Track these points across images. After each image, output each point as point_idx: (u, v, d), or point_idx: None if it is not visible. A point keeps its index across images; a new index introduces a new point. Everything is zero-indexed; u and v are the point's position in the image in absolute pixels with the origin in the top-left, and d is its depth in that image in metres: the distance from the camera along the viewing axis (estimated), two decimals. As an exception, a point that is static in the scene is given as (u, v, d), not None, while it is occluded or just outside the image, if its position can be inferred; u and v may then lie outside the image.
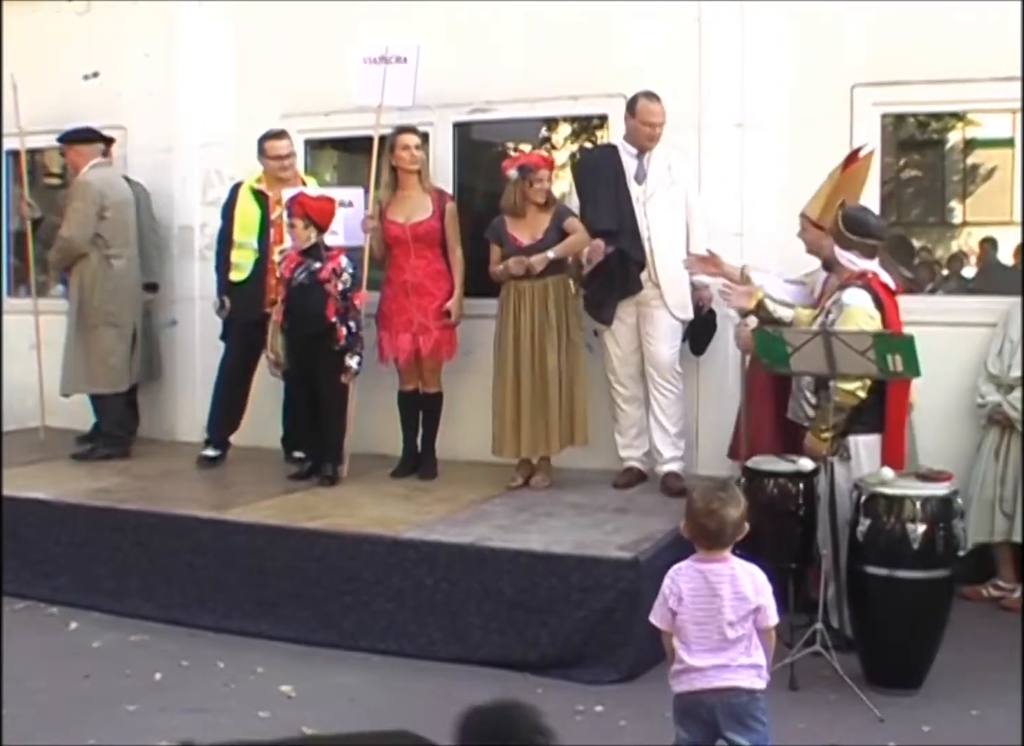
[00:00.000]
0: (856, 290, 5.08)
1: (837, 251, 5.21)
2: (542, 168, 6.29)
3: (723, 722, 3.41)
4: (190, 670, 5.05)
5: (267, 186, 7.05)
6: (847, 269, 5.20)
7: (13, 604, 5.88)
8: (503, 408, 6.26)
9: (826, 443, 5.00)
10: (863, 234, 5.16)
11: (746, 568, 3.51)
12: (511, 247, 6.30)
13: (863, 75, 6.26)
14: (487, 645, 5.06)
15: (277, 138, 7.06)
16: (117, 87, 8.11)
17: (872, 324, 4.97)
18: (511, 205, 6.32)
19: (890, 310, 5.12)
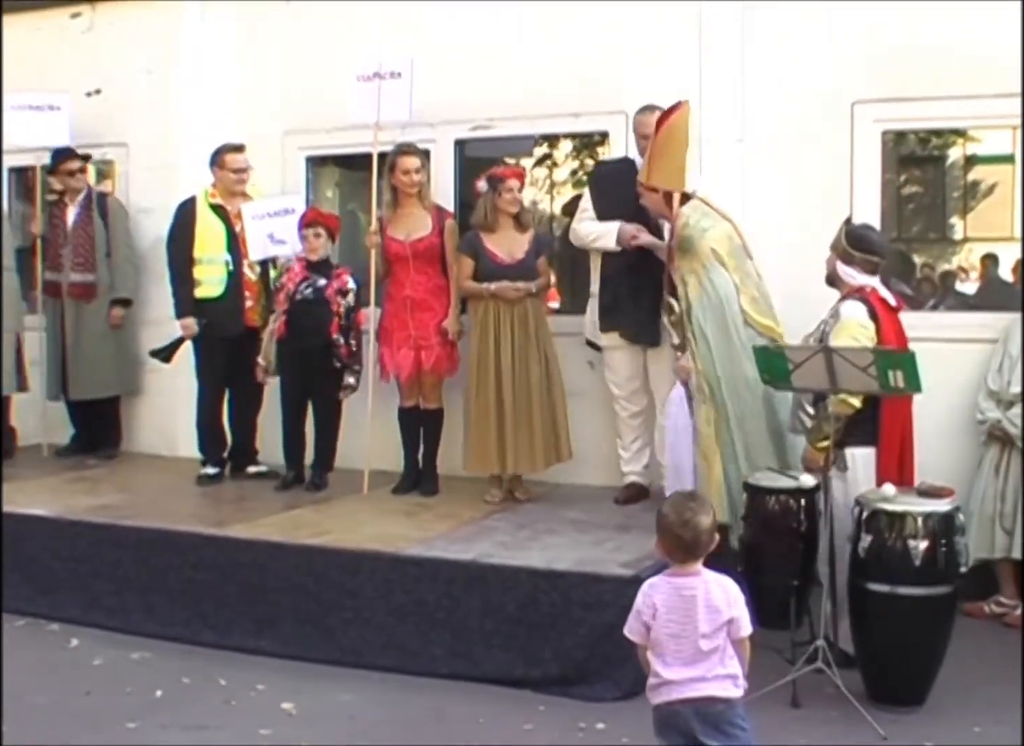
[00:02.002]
0: (852, 302, 5.16)
1: (839, 266, 5.27)
2: (510, 178, 6.34)
3: (700, 729, 3.42)
4: (191, 687, 5.04)
5: (224, 200, 7.08)
6: (847, 284, 5.26)
7: (14, 620, 5.88)
8: (485, 423, 6.27)
9: (823, 453, 5.01)
10: (865, 250, 5.23)
11: (719, 580, 3.52)
12: (489, 263, 6.34)
13: (864, 92, 6.28)
14: (489, 662, 5.04)
15: (237, 151, 7.12)
16: (119, 104, 8.13)
17: (864, 333, 5.04)
18: (481, 218, 6.38)
19: (886, 324, 5.16)
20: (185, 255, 7.04)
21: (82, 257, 7.65)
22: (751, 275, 5.84)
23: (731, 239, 5.84)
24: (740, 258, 5.84)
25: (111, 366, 7.82)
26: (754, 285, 5.83)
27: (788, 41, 6.45)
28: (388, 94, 6.64)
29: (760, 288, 5.87)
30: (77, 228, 7.69)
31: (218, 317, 6.99)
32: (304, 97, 7.58)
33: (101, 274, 7.71)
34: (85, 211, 7.72)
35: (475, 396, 6.35)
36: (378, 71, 6.67)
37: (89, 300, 7.71)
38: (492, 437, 6.22)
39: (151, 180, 8.02)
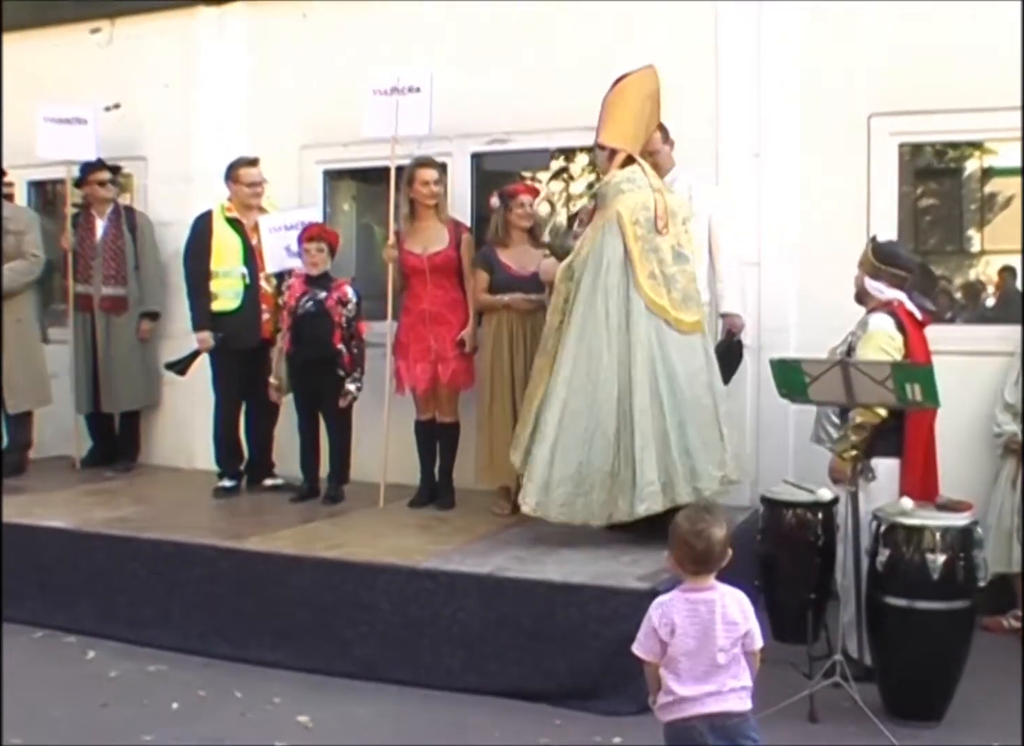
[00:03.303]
0: (880, 315, 5.20)
1: (867, 281, 5.32)
2: (522, 194, 6.44)
3: (715, 744, 3.41)
4: (207, 700, 5.04)
5: (239, 214, 7.12)
6: (875, 298, 5.29)
7: (32, 632, 5.89)
8: (499, 435, 6.30)
9: (850, 463, 5.00)
10: (893, 265, 5.28)
11: (733, 593, 3.51)
12: (503, 275, 6.41)
13: (880, 105, 6.29)
14: (504, 675, 5.03)
15: (251, 165, 7.16)
16: (138, 118, 8.19)
17: (892, 344, 5.07)
18: (493, 233, 6.48)
19: (914, 337, 5.20)
20: (202, 268, 7.07)
21: (113, 270, 7.70)
22: (659, 251, 5.63)
23: (645, 209, 5.66)
24: (649, 231, 5.65)
25: (139, 379, 7.88)
26: (658, 262, 5.62)
27: (804, 55, 6.46)
28: (406, 108, 6.66)
29: (665, 268, 5.64)
30: (107, 241, 7.74)
31: (235, 330, 7.02)
32: (321, 111, 7.62)
33: (131, 287, 7.76)
34: (114, 224, 7.76)
35: (488, 407, 6.36)
36: (396, 85, 6.69)
37: (120, 313, 7.75)
38: (506, 449, 6.22)
39: (169, 193, 8.07)
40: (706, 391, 5.64)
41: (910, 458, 5.18)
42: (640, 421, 5.46)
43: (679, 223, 5.76)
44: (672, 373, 5.55)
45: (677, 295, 5.64)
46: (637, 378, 5.50)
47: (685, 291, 5.69)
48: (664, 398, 5.52)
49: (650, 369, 5.52)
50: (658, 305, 5.57)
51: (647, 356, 5.53)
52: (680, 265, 5.70)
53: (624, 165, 5.81)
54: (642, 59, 6.65)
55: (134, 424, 8.06)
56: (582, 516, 5.56)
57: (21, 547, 6.16)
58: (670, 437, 5.50)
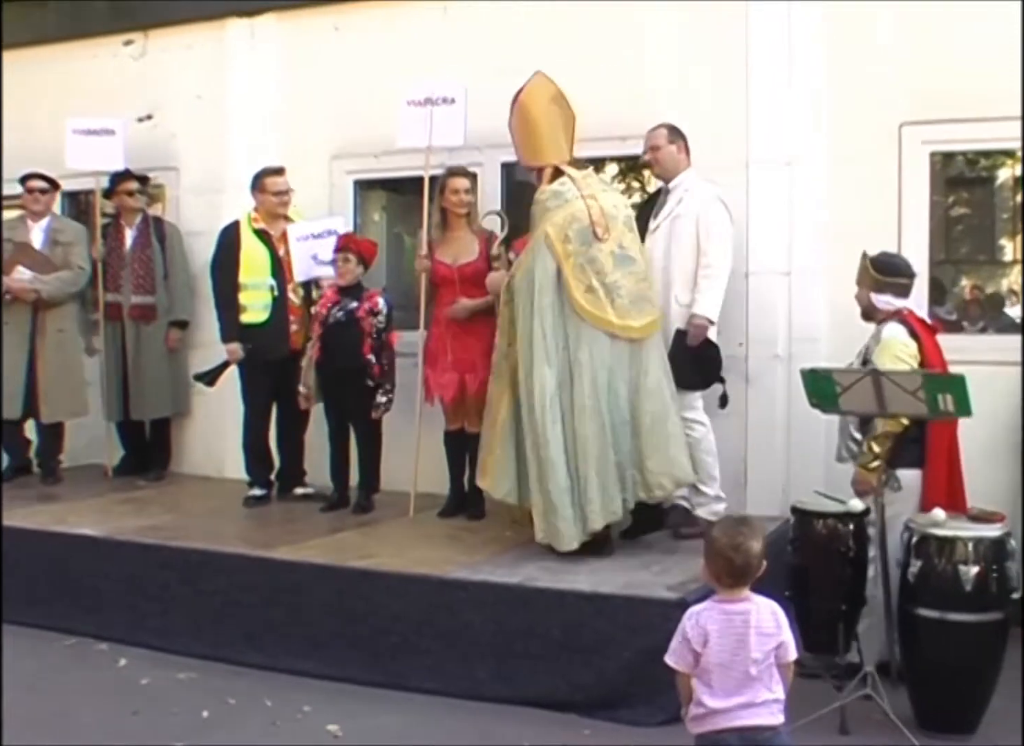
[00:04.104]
0: (892, 324, 5.24)
1: (873, 297, 5.36)
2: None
3: None
4: (237, 708, 5.05)
5: (266, 224, 7.15)
6: (884, 311, 5.33)
7: (64, 640, 5.94)
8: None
9: (875, 473, 5.00)
10: (894, 274, 5.34)
11: (767, 604, 3.49)
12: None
13: (911, 113, 6.25)
14: (533, 686, 5.02)
15: (277, 174, 7.19)
16: (170, 129, 8.26)
17: (907, 351, 5.10)
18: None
19: (928, 344, 5.24)
20: (230, 280, 7.11)
21: (142, 279, 7.75)
22: (595, 261, 5.59)
23: (575, 222, 5.61)
24: (583, 243, 5.60)
25: (168, 387, 7.94)
26: (595, 273, 5.57)
27: (835, 64, 6.43)
28: (440, 119, 6.70)
29: (605, 278, 5.59)
30: (136, 250, 7.79)
31: (263, 341, 7.04)
32: (351, 121, 7.65)
33: (160, 296, 7.82)
34: (143, 234, 7.83)
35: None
36: (429, 96, 6.72)
37: (149, 322, 7.81)
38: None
39: (200, 204, 8.13)
40: (646, 396, 5.65)
41: (932, 468, 5.18)
42: (580, 441, 5.51)
43: (620, 224, 5.72)
44: (614, 388, 5.59)
45: (624, 301, 5.62)
46: (576, 399, 5.54)
47: (633, 294, 5.66)
48: (605, 415, 5.56)
49: (590, 389, 5.54)
50: (599, 318, 5.57)
51: (588, 375, 5.55)
52: (625, 268, 5.66)
53: (554, 178, 5.82)
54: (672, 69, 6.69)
55: (165, 433, 8.12)
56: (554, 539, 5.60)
57: (54, 554, 6.21)
58: (609, 453, 5.56)
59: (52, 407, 7.72)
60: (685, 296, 6.05)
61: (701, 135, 6.28)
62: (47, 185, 7.82)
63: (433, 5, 7.39)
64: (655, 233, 6.16)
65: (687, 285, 6.05)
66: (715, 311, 6.02)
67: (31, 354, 7.64)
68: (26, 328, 7.64)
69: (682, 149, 6.23)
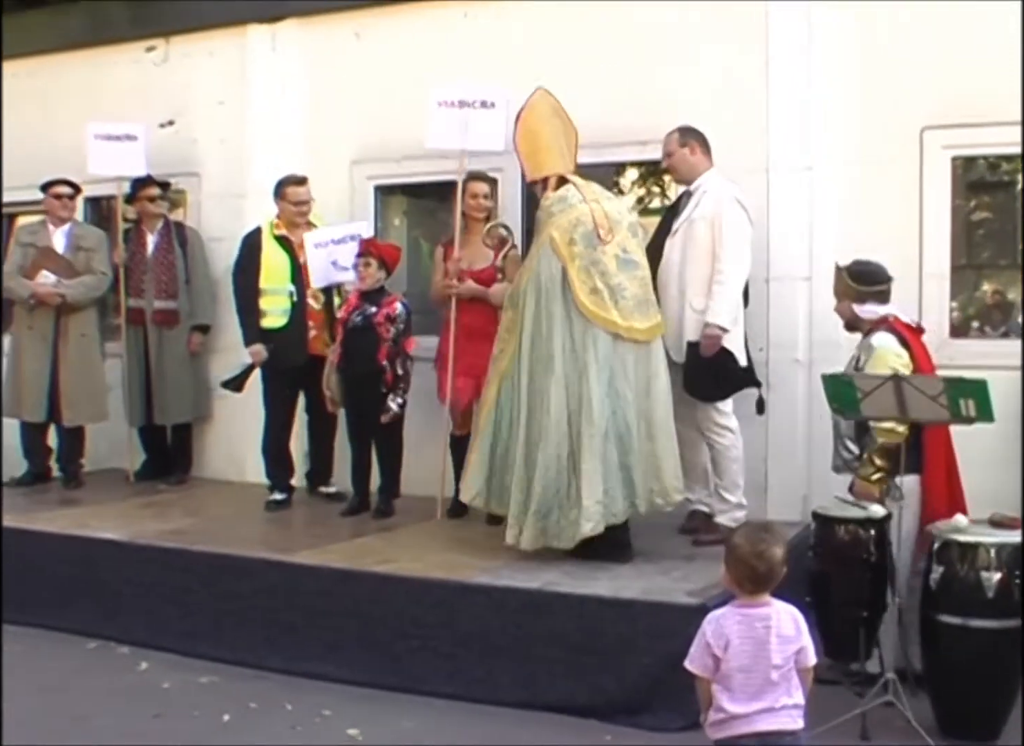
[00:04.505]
0: (881, 334, 5.26)
1: (855, 307, 5.40)
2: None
3: None
4: (258, 712, 5.07)
5: (287, 231, 7.19)
6: (868, 321, 5.37)
7: (86, 643, 5.96)
8: None
9: (877, 485, 5.04)
10: (872, 282, 5.39)
11: (788, 609, 3.49)
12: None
13: (932, 118, 6.24)
14: (553, 690, 5.02)
15: (299, 184, 7.23)
16: (191, 135, 8.29)
17: (900, 361, 5.12)
18: None
19: (917, 350, 5.28)
20: (251, 285, 7.15)
21: (164, 284, 7.80)
22: (599, 263, 5.60)
23: (580, 225, 5.64)
24: (588, 246, 5.62)
25: (190, 391, 7.98)
26: (600, 275, 5.59)
27: (856, 68, 6.42)
28: (476, 123, 6.65)
29: (609, 279, 5.60)
30: (157, 256, 7.83)
31: (282, 347, 7.08)
32: (372, 126, 7.67)
33: (182, 301, 7.86)
34: (164, 239, 7.87)
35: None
36: (464, 99, 6.68)
37: (171, 326, 7.85)
38: None
39: (221, 209, 8.16)
40: (654, 400, 5.67)
41: (931, 473, 5.18)
42: (587, 442, 5.51)
43: (623, 229, 5.74)
44: (618, 390, 5.59)
45: (628, 303, 5.63)
46: (587, 399, 5.53)
47: (636, 297, 5.68)
48: (608, 417, 5.56)
49: (601, 389, 5.55)
50: (605, 319, 5.58)
51: (595, 377, 5.54)
52: (628, 272, 5.68)
53: (559, 186, 5.84)
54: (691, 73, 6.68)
55: (186, 437, 8.16)
56: (545, 540, 5.61)
57: (76, 558, 6.24)
58: (612, 454, 5.56)
59: (74, 411, 7.77)
60: (699, 302, 5.98)
61: (721, 139, 6.27)
62: (73, 190, 7.87)
63: (454, 10, 7.41)
64: (673, 237, 6.13)
65: (701, 291, 5.98)
66: (728, 318, 5.92)
67: (54, 358, 7.69)
68: (49, 333, 7.69)
69: (696, 150, 6.16)
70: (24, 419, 7.85)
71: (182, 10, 8.29)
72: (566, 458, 5.56)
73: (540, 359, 5.61)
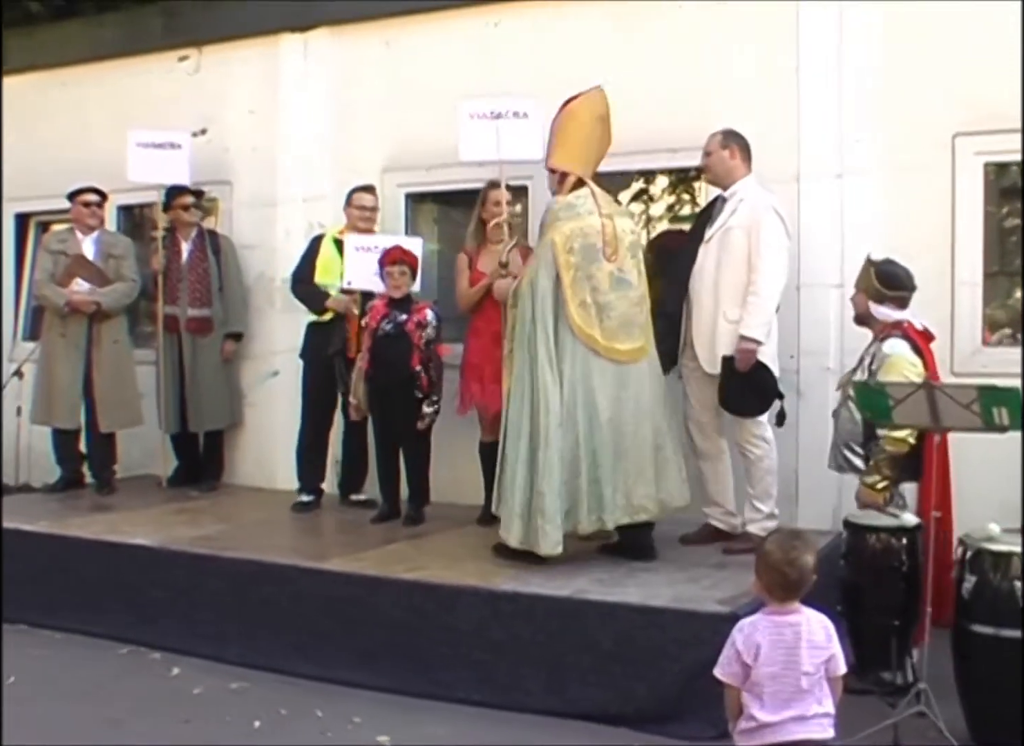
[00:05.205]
0: (895, 340, 5.26)
1: (872, 305, 5.43)
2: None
3: None
4: (288, 718, 5.08)
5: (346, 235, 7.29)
6: (881, 322, 5.38)
7: (118, 648, 5.99)
8: None
9: (882, 493, 5.08)
10: (896, 287, 5.39)
11: (818, 617, 3.49)
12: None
13: (965, 124, 6.21)
14: (584, 698, 5.01)
15: (366, 191, 7.40)
16: (224, 143, 8.35)
17: (914, 370, 5.13)
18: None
19: (929, 358, 5.30)
20: (304, 274, 7.37)
21: (198, 292, 7.86)
22: (593, 278, 5.63)
23: (584, 237, 5.65)
24: (585, 258, 5.64)
25: (224, 399, 8.05)
26: (591, 290, 5.63)
27: (887, 74, 6.40)
28: (509, 133, 6.63)
29: (600, 296, 5.64)
30: (192, 264, 7.90)
31: (318, 339, 7.26)
32: (403, 135, 7.71)
33: (215, 308, 7.93)
34: (198, 247, 7.93)
35: None
36: (495, 110, 6.67)
37: (205, 334, 7.92)
38: None
39: (253, 217, 8.23)
40: (633, 419, 5.68)
41: (927, 480, 5.15)
42: (551, 448, 5.54)
43: (625, 247, 5.75)
44: (591, 402, 5.60)
45: (612, 323, 5.66)
46: (555, 406, 5.56)
47: (623, 317, 5.70)
48: (580, 426, 5.58)
49: (570, 398, 5.58)
50: (587, 334, 5.62)
51: (569, 384, 5.58)
52: (620, 291, 5.70)
53: (575, 189, 5.82)
54: (722, 81, 6.67)
55: (218, 444, 8.21)
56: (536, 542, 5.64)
57: (108, 563, 6.28)
58: (581, 465, 5.57)
59: (109, 417, 7.82)
60: (733, 313, 5.92)
61: (752, 147, 6.24)
62: (100, 198, 7.94)
63: (484, 19, 7.44)
64: (708, 244, 6.07)
65: (736, 301, 5.92)
66: (762, 331, 5.86)
67: (87, 365, 7.76)
68: (82, 340, 7.75)
69: (736, 155, 6.11)
70: (56, 426, 7.91)
71: (215, 20, 8.37)
72: (528, 463, 5.63)
73: (536, 360, 5.64)
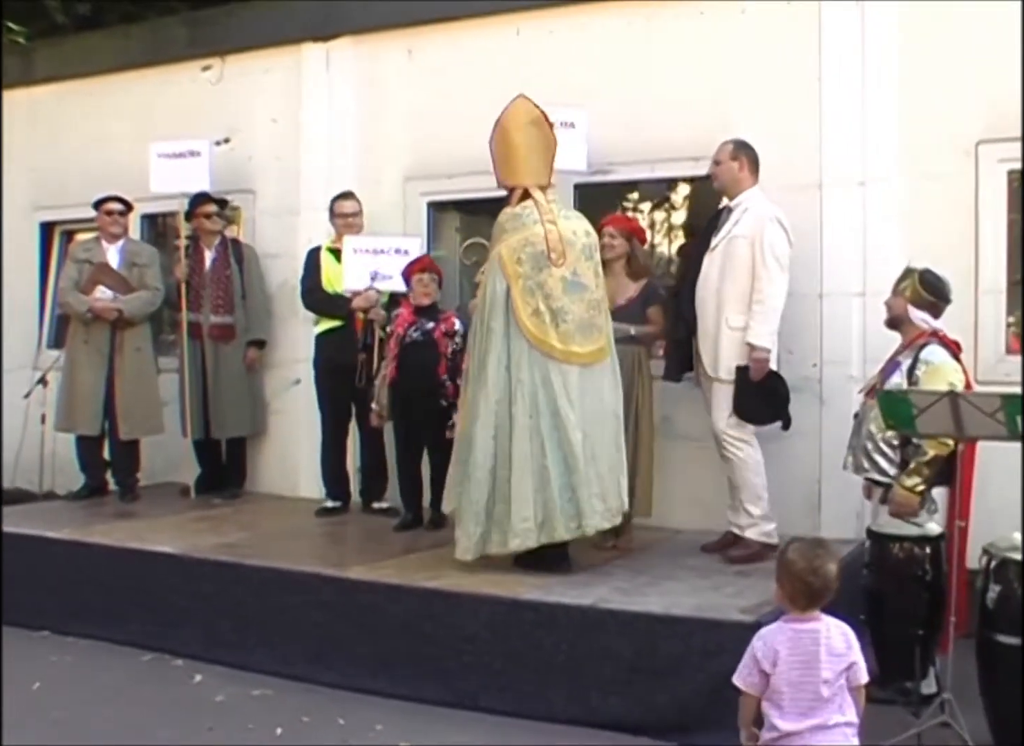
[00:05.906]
0: (936, 347, 5.30)
1: (911, 310, 5.43)
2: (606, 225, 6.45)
3: None
4: (311, 726, 5.08)
5: (340, 244, 7.37)
6: (918, 328, 5.40)
7: (140, 655, 6.02)
8: None
9: (920, 496, 5.07)
10: (938, 296, 5.42)
11: (838, 625, 3.49)
12: None
13: (988, 131, 6.19)
14: (605, 707, 5.00)
15: (344, 198, 7.51)
16: (247, 152, 8.39)
17: (958, 377, 5.16)
18: None
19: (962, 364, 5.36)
20: (316, 291, 7.45)
21: (221, 299, 7.90)
22: (544, 286, 5.63)
23: (532, 245, 5.66)
24: (534, 267, 5.64)
25: (246, 406, 8.08)
26: (543, 297, 5.62)
27: (909, 82, 6.38)
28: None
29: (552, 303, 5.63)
30: (215, 271, 7.94)
31: (330, 347, 7.34)
32: (425, 143, 7.73)
33: (238, 316, 7.97)
34: (221, 255, 7.97)
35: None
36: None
37: (228, 341, 7.96)
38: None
39: (276, 226, 8.26)
40: (600, 421, 5.69)
41: (966, 488, 5.14)
42: (516, 459, 5.56)
43: (577, 251, 5.74)
44: (555, 410, 5.59)
45: (569, 326, 5.66)
46: (516, 417, 5.59)
47: (580, 321, 5.69)
48: (545, 436, 5.58)
49: (531, 408, 5.59)
50: (543, 341, 5.62)
51: (528, 394, 5.59)
52: (574, 295, 5.70)
53: (522, 200, 5.84)
54: (744, 89, 6.66)
55: (241, 452, 8.23)
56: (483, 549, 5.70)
57: (131, 571, 6.30)
58: (550, 474, 5.57)
59: (130, 424, 7.86)
60: (736, 320, 5.97)
61: (773, 155, 6.25)
62: (124, 207, 7.98)
63: (506, 27, 7.45)
64: (712, 253, 6.10)
65: (739, 308, 5.97)
66: (770, 339, 5.93)
67: (110, 372, 7.80)
68: (105, 347, 7.79)
69: (745, 166, 6.13)
70: (79, 433, 7.96)
71: (238, 29, 8.42)
72: (488, 472, 5.64)
73: (481, 372, 5.68)
